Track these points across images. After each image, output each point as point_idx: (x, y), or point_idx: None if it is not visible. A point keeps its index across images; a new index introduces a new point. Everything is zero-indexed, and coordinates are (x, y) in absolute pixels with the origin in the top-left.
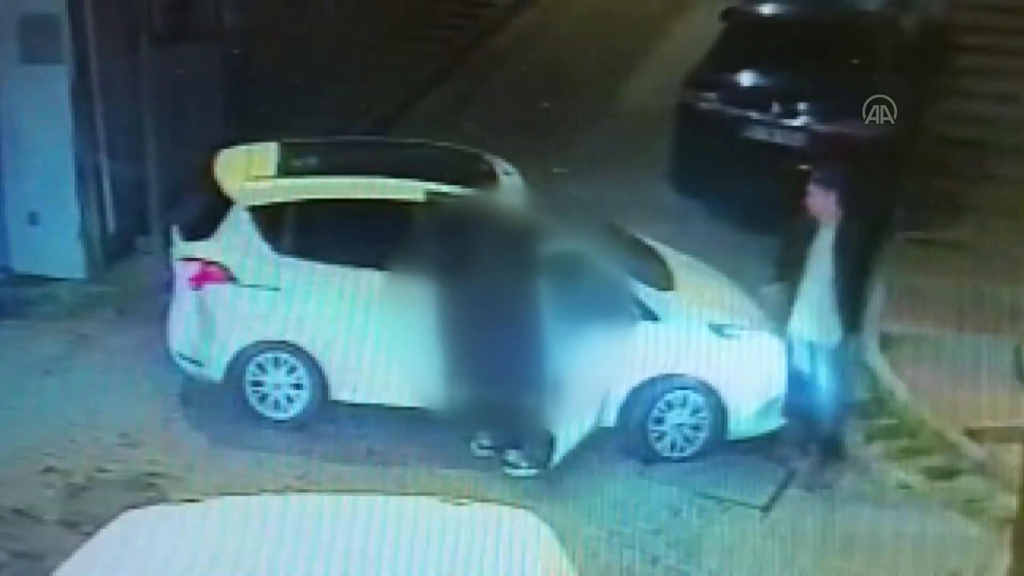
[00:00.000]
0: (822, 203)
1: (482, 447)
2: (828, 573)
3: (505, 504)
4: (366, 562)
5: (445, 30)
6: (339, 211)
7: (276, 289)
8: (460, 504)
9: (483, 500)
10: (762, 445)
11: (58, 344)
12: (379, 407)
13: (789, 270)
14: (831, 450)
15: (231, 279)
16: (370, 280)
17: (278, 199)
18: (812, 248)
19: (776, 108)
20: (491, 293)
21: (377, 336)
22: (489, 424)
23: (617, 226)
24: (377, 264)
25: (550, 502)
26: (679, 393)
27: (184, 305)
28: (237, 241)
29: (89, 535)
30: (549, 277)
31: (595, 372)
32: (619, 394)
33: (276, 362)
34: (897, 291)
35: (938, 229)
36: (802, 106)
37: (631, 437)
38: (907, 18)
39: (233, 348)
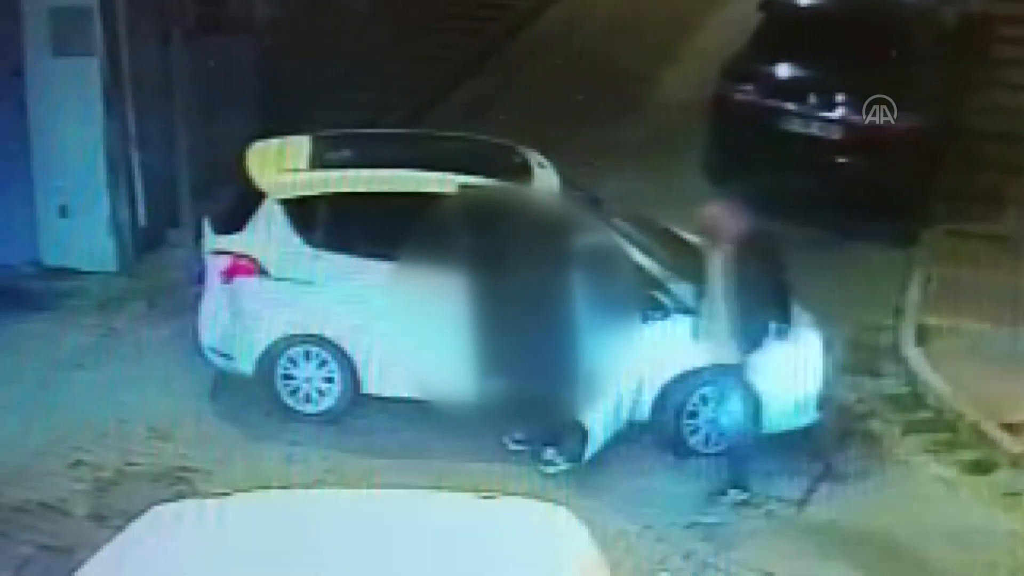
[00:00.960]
0: (722, 225)
1: (516, 441)
2: (863, 567)
3: (537, 498)
4: (397, 558)
5: (478, 22)
6: (372, 204)
7: (308, 282)
8: (492, 499)
9: (515, 495)
10: (797, 439)
11: (88, 337)
12: (410, 401)
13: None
14: (735, 479)
15: (262, 272)
16: (402, 273)
17: (310, 192)
18: (711, 270)
19: (813, 100)
20: (525, 286)
21: (409, 330)
22: (522, 419)
23: (652, 219)
24: (409, 258)
25: (583, 496)
26: (713, 387)
27: (215, 298)
28: (269, 234)
29: (118, 529)
30: (583, 270)
31: (627, 366)
32: (653, 388)
33: (307, 355)
34: (935, 283)
35: (977, 221)
36: (839, 98)
37: (665, 431)
38: (946, 9)
39: (264, 342)
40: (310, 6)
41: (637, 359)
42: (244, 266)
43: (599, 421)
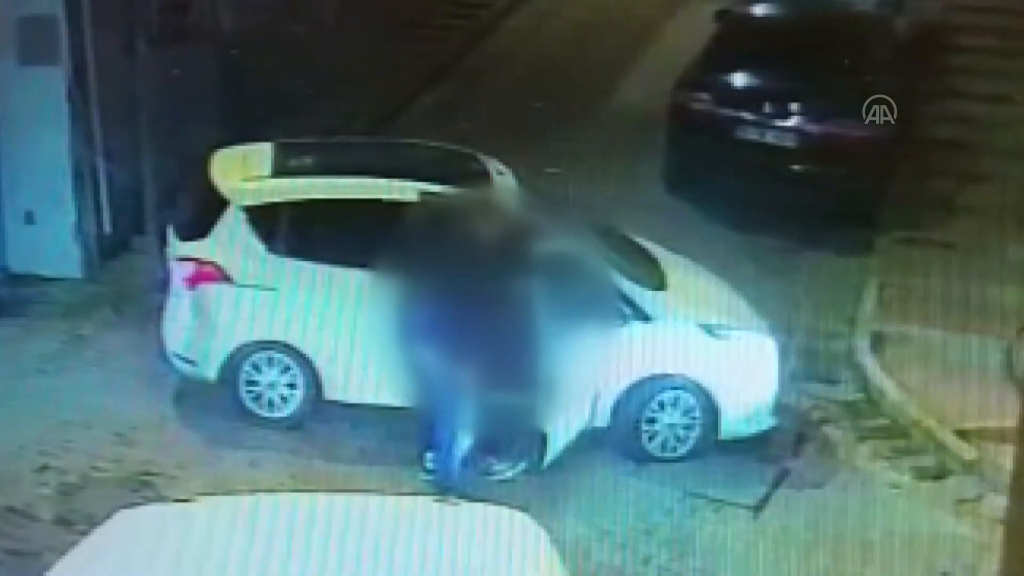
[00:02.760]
0: None
1: (427, 471)
2: (819, 572)
3: (498, 504)
4: (359, 562)
5: (439, 31)
6: (334, 211)
7: (271, 289)
8: (453, 504)
9: (476, 500)
10: (754, 445)
11: (54, 343)
12: (373, 407)
13: None
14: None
15: (226, 279)
16: (364, 280)
17: (273, 199)
18: None
19: (768, 108)
20: (484, 293)
21: (370, 336)
22: (482, 423)
23: (609, 226)
24: (371, 264)
25: (542, 502)
26: (671, 393)
27: (179, 305)
28: (232, 241)
29: (84, 534)
30: (542, 277)
31: (587, 372)
32: (611, 394)
33: (270, 361)
34: (890, 291)
35: (930, 229)
36: (794, 106)
37: (623, 437)
38: (900, 18)
39: (228, 347)
40: (274, 15)
41: (595, 365)
42: (208, 272)
43: (557, 427)
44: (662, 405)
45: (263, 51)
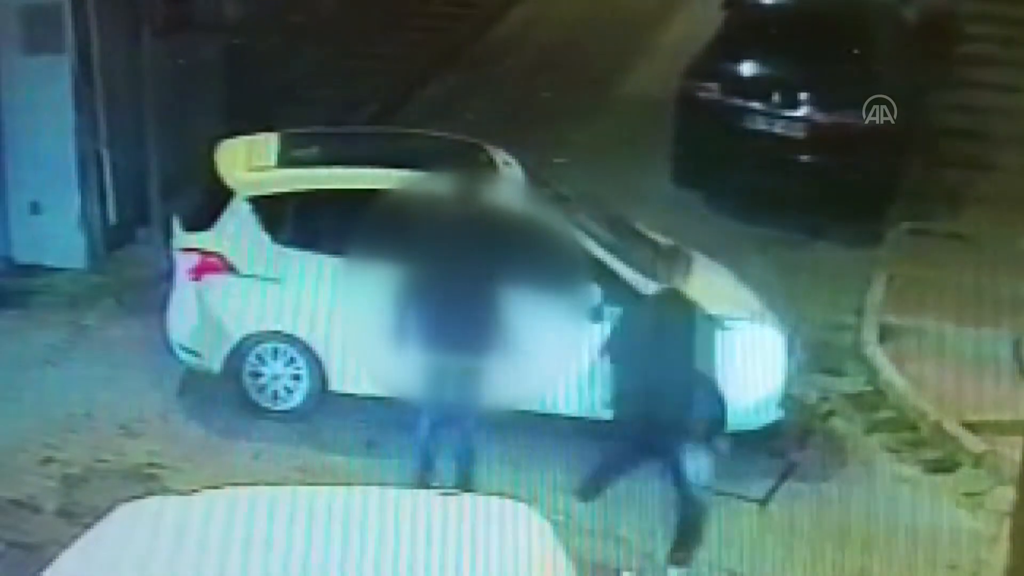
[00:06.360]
0: None
1: None
2: (826, 565)
3: (501, 495)
4: (362, 553)
5: (445, 20)
6: (339, 202)
7: (275, 280)
8: (456, 495)
9: (479, 492)
10: (761, 437)
11: (58, 334)
12: (378, 399)
13: None
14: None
15: (231, 269)
16: (369, 271)
17: (278, 189)
18: None
19: (777, 98)
20: (490, 284)
21: (375, 327)
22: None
23: (616, 216)
24: (376, 255)
25: (545, 494)
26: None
27: (184, 296)
28: (237, 231)
29: (87, 526)
30: (548, 268)
31: (592, 363)
32: None
33: (275, 353)
34: (898, 282)
35: (939, 220)
36: (803, 96)
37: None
38: (908, 8)
39: (232, 339)
40: (279, 5)
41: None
42: (212, 263)
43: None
44: None
45: (268, 40)
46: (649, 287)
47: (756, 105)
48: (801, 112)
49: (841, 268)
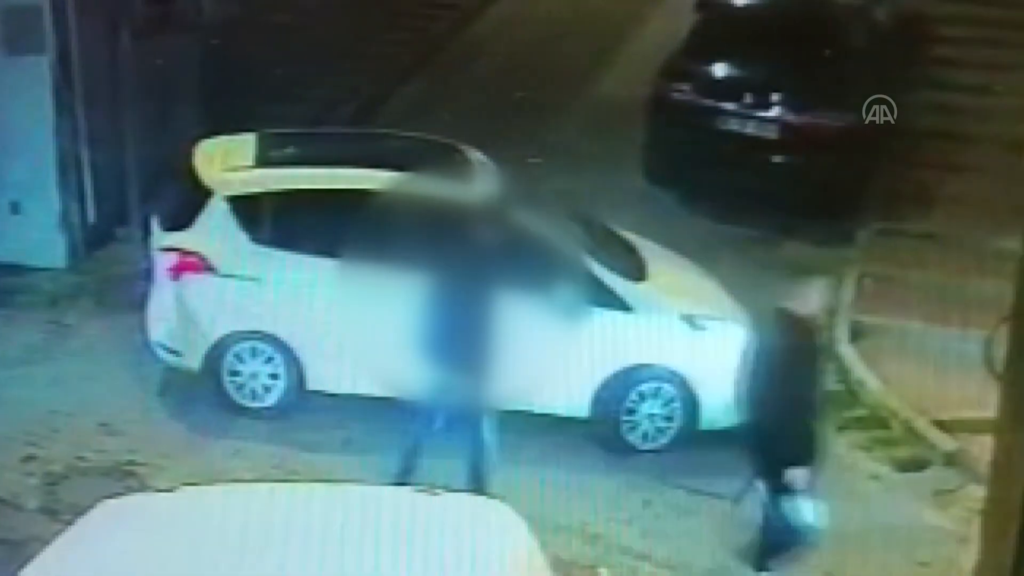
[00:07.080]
0: None
1: None
2: (797, 563)
3: (477, 493)
4: (341, 551)
5: (422, 20)
6: (316, 201)
7: (254, 279)
8: (434, 494)
9: (456, 490)
10: (734, 436)
11: (38, 333)
12: (355, 397)
13: None
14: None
15: (209, 269)
16: (346, 270)
17: (256, 189)
18: None
19: (749, 99)
20: (465, 282)
21: (353, 327)
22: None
23: (590, 216)
24: (353, 254)
25: (522, 492)
26: (651, 384)
27: (163, 295)
28: (216, 231)
29: (68, 523)
30: (523, 268)
31: (568, 363)
32: (591, 384)
33: (253, 352)
34: (868, 282)
35: (910, 220)
36: (775, 97)
37: (604, 428)
38: (880, 9)
39: (211, 338)
40: (258, 5)
41: (576, 356)
42: (191, 263)
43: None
44: (642, 396)
45: (247, 41)
46: (625, 286)
47: (729, 106)
48: (773, 113)
49: (812, 267)
